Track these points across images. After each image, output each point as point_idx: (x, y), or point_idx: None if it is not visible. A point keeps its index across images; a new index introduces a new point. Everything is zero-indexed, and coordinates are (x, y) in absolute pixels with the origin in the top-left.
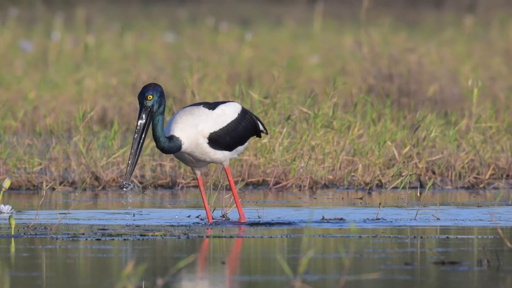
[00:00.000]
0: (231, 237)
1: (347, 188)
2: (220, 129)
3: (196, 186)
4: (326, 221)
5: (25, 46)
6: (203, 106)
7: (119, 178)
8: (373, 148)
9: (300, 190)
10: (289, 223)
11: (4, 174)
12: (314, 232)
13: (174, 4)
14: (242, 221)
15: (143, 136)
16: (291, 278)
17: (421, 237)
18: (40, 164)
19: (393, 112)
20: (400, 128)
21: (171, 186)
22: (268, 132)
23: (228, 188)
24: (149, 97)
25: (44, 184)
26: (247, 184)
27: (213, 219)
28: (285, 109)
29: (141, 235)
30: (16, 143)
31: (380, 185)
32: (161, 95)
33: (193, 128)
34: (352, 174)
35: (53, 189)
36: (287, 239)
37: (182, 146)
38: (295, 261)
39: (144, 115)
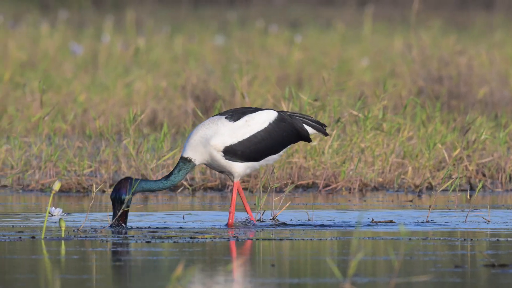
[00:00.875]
0: (280, 239)
1: (397, 191)
2: (239, 142)
3: (246, 189)
4: (375, 223)
5: (75, 48)
6: (226, 117)
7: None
8: (423, 150)
9: (349, 193)
10: (338, 226)
11: (54, 177)
12: (363, 234)
13: (224, 7)
14: (230, 225)
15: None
16: (340, 281)
17: (471, 240)
18: (90, 166)
19: (443, 115)
20: (450, 131)
21: (220, 188)
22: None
23: (278, 191)
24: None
25: (94, 186)
26: (296, 187)
27: (262, 221)
28: (335, 112)
29: (191, 238)
30: (66, 145)
31: (430, 188)
32: (126, 190)
33: (205, 144)
34: (402, 176)
35: (103, 191)
36: (337, 242)
37: (195, 162)
38: (344, 263)
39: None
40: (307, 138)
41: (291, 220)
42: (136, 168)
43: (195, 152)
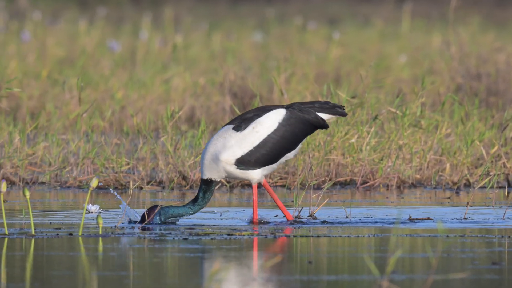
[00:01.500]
0: (318, 236)
1: (434, 188)
2: (250, 151)
3: (284, 186)
4: (412, 220)
5: (113, 45)
6: (233, 127)
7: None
8: (461, 147)
9: (387, 190)
10: (376, 222)
11: (92, 174)
12: (401, 231)
13: (262, 4)
14: (255, 220)
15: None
16: (378, 278)
17: (509, 237)
18: (128, 163)
19: (481, 112)
20: (488, 128)
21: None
22: (347, 115)
23: (316, 188)
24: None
25: (132, 183)
26: (334, 184)
27: (300, 218)
28: (373, 109)
29: (228, 235)
30: (104, 142)
31: (468, 185)
32: (156, 216)
33: (216, 161)
34: (440, 173)
35: (141, 188)
36: (374, 239)
37: (216, 179)
38: (382, 260)
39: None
40: (323, 125)
41: (329, 217)
42: (174, 165)
43: (211, 171)
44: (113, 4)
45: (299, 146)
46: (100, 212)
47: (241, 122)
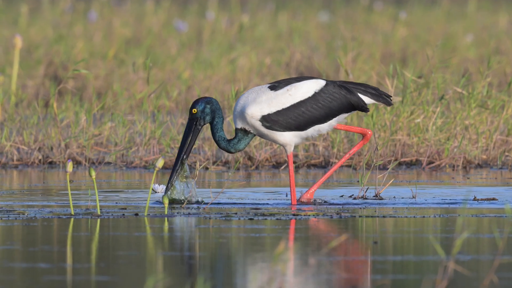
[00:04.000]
0: (383, 216)
1: (500, 168)
2: (278, 111)
3: (349, 166)
4: (477, 201)
5: (179, 25)
6: (269, 86)
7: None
8: None
9: (453, 170)
10: (442, 203)
11: (157, 154)
12: (467, 212)
13: None
14: (294, 203)
15: (185, 149)
16: (443, 259)
17: None
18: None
19: None
20: None
21: (324, 165)
22: (393, 102)
23: (381, 168)
24: (194, 111)
25: (198, 163)
26: (400, 164)
27: (365, 199)
28: (439, 89)
29: (294, 215)
30: (170, 122)
31: None
32: (209, 108)
33: (244, 114)
34: (506, 154)
35: (207, 168)
36: (440, 219)
37: (252, 132)
38: (448, 241)
39: (188, 127)
40: (362, 107)
41: (394, 197)
42: None
43: (243, 121)
44: None
45: (333, 122)
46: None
47: (279, 84)
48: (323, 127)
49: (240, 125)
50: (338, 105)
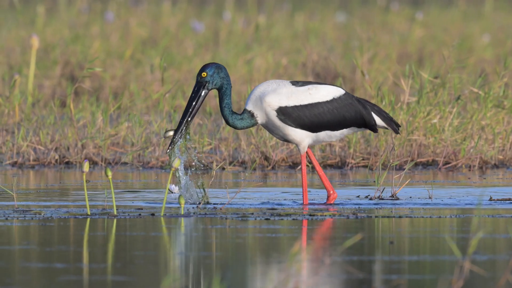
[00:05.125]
0: (400, 217)
1: None
2: (295, 106)
3: (365, 166)
4: (493, 201)
5: (196, 26)
6: (291, 82)
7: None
8: None
9: (469, 170)
10: (458, 204)
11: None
12: (483, 212)
13: None
14: (305, 203)
15: (191, 110)
16: (459, 259)
17: None
18: (210, 144)
19: None
20: None
21: (340, 166)
22: (399, 131)
23: (397, 168)
24: (203, 74)
25: (214, 163)
26: (416, 164)
27: (382, 199)
28: (455, 89)
29: (310, 215)
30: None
31: None
32: (218, 74)
33: (262, 100)
34: None
35: (223, 168)
36: (457, 219)
37: (258, 119)
38: (464, 241)
39: (195, 90)
40: (372, 126)
41: (411, 197)
42: (256, 145)
43: (256, 106)
44: None
45: (344, 131)
46: (182, 193)
47: (300, 82)
48: (334, 135)
49: (251, 107)
50: (351, 116)
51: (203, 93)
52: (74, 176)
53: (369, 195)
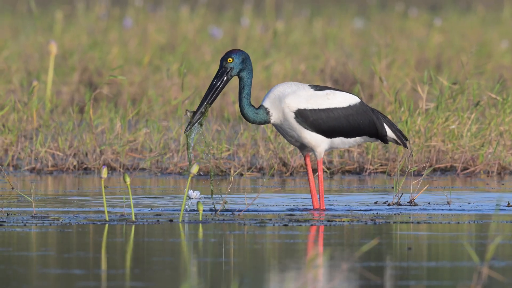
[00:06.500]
0: (418, 222)
1: None
2: (313, 109)
3: (384, 172)
4: (511, 207)
5: (214, 32)
6: (310, 85)
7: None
8: None
9: (488, 176)
10: (476, 209)
11: (192, 160)
12: (502, 218)
13: None
14: (322, 208)
15: (212, 93)
16: (478, 264)
17: None
18: (228, 150)
19: None
20: None
21: (358, 172)
22: (408, 145)
23: (416, 174)
24: (229, 60)
25: (232, 170)
26: (434, 170)
27: (400, 205)
28: (474, 95)
29: (328, 221)
30: (205, 129)
31: None
32: (244, 62)
33: (281, 100)
34: None
35: (241, 174)
36: (475, 225)
37: (271, 118)
38: (482, 247)
39: (219, 75)
40: (383, 137)
41: (429, 203)
42: (274, 151)
43: (273, 105)
44: None
45: (358, 139)
46: (200, 198)
47: (318, 86)
48: (348, 141)
49: (268, 105)
50: (365, 124)
51: (225, 79)
52: (92, 182)
53: (387, 201)
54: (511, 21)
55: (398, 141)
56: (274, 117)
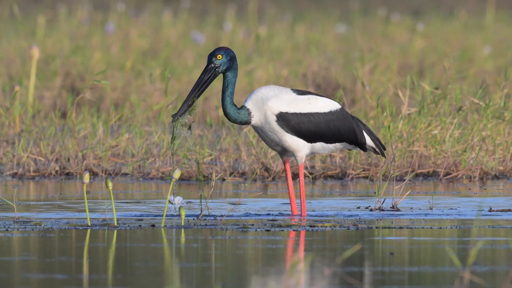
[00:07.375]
0: (400, 228)
1: None
2: (295, 113)
3: (366, 177)
4: (493, 212)
5: (196, 37)
6: (292, 89)
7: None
8: None
9: (470, 181)
10: (458, 214)
11: (174, 165)
12: (483, 223)
13: None
14: (303, 214)
15: (200, 87)
16: (460, 269)
17: None
18: (211, 155)
19: None
20: None
21: (341, 177)
22: (385, 155)
23: (398, 179)
24: (219, 56)
25: (214, 174)
26: (417, 175)
27: (382, 210)
28: (456, 100)
29: (310, 226)
30: (187, 134)
31: None
32: (231, 60)
33: (264, 102)
34: None
35: (223, 179)
36: (457, 230)
37: (252, 119)
38: (464, 252)
39: (207, 70)
40: (362, 145)
41: (411, 208)
42: (256, 156)
43: (255, 106)
44: None
45: (337, 145)
46: (183, 204)
47: (301, 91)
48: (328, 147)
49: (250, 106)
50: (345, 130)
51: (213, 75)
52: (75, 187)
53: (369, 206)
54: (494, 26)
55: (377, 149)
56: (256, 119)
